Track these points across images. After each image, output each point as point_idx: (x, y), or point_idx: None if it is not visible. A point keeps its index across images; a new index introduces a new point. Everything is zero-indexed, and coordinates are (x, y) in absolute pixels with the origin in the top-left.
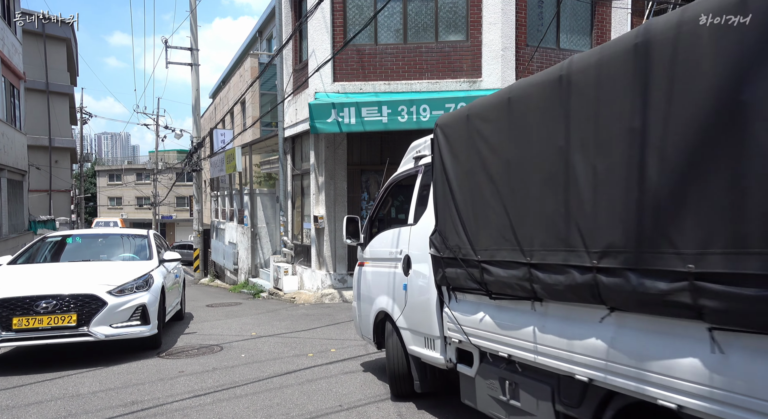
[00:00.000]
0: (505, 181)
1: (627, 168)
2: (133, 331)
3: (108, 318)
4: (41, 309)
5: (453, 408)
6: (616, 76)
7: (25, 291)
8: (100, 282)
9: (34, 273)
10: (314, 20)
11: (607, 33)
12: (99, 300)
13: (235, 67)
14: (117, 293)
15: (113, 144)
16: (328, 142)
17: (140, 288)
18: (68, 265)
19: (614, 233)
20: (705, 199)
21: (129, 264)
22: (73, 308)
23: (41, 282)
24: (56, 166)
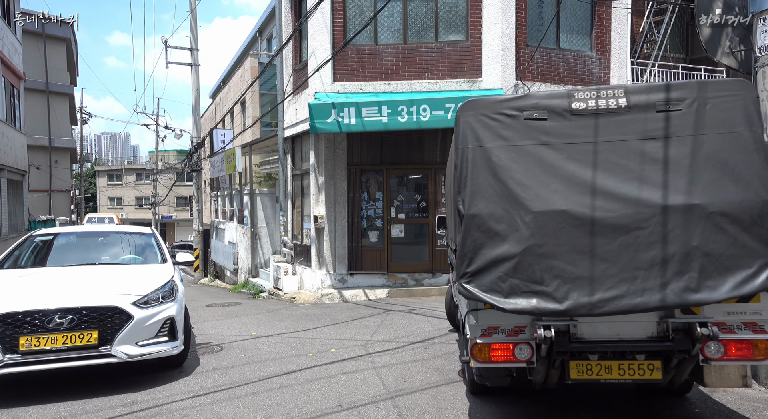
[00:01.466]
0: None
1: None
2: (161, 349)
3: (133, 335)
4: (55, 325)
5: (453, 408)
6: None
7: (34, 303)
8: (121, 292)
9: (34, 281)
10: (314, 20)
11: (607, 33)
12: (123, 313)
13: (235, 67)
14: (142, 304)
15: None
16: (328, 142)
17: (166, 298)
18: (74, 270)
19: None
20: None
21: (144, 268)
22: (94, 324)
23: (47, 291)
24: (56, 166)
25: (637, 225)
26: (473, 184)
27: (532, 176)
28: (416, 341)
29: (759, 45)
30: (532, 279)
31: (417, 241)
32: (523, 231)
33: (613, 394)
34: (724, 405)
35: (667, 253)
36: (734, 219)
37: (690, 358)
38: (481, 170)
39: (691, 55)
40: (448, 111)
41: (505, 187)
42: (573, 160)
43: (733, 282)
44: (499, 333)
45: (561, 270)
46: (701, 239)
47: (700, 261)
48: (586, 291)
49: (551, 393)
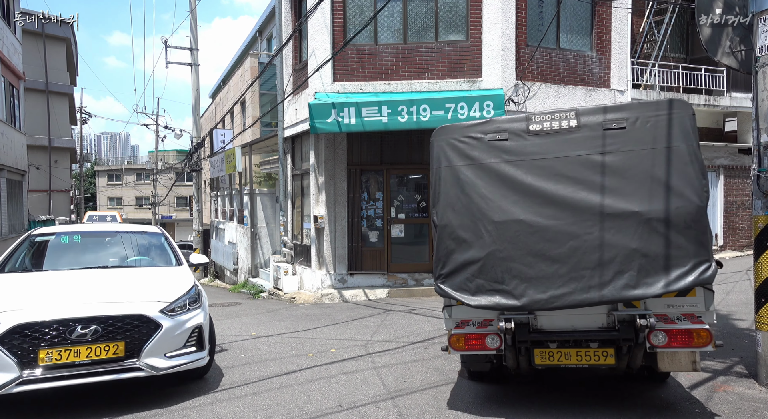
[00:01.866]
0: None
1: None
2: (189, 361)
3: (161, 346)
4: (78, 336)
5: (453, 408)
6: None
7: (53, 312)
8: (146, 299)
9: (46, 286)
10: (314, 20)
11: (607, 33)
12: (151, 322)
13: (235, 66)
14: (170, 312)
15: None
16: (328, 142)
17: (192, 305)
18: (87, 275)
19: None
20: None
21: (162, 272)
22: (120, 334)
23: (64, 298)
24: (56, 166)
25: (584, 231)
26: (444, 199)
27: (494, 190)
28: (416, 341)
29: (759, 45)
30: (494, 279)
31: (417, 241)
32: (486, 238)
33: (605, 382)
34: (724, 405)
35: (610, 255)
36: (670, 224)
37: (637, 346)
38: (451, 187)
39: (692, 55)
40: (448, 111)
41: (471, 200)
42: (530, 174)
43: (668, 279)
44: (471, 325)
45: (519, 271)
46: (640, 242)
47: (639, 262)
48: (540, 289)
49: (539, 378)
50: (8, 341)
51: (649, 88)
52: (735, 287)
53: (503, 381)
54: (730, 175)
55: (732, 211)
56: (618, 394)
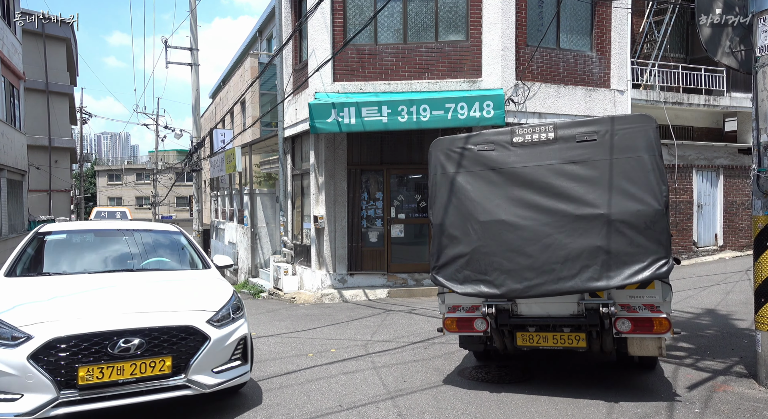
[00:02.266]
0: None
1: None
2: (236, 376)
3: (209, 361)
4: (120, 351)
5: (453, 408)
6: None
7: (91, 323)
8: (191, 307)
9: (72, 292)
10: (314, 20)
11: (607, 33)
12: (199, 334)
13: (235, 66)
14: (216, 323)
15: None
16: (328, 142)
17: (236, 314)
18: (114, 279)
19: None
20: None
21: (195, 276)
22: (167, 348)
23: (99, 307)
24: (56, 166)
25: (556, 230)
26: (439, 202)
27: (480, 194)
28: (416, 341)
29: (759, 45)
30: (479, 270)
31: (417, 241)
32: (473, 235)
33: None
34: (723, 405)
35: (578, 251)
36: (631, 225)
37: (605, 331)
38: (445, 191)
39: (692, 55)
40: (448, 111)
41: (461, 203)
42: (511, 180)
43: (628, 273)
44: (461, 310)
45: (499, 264)
46: (604, 240)
47: (603, 257)
48: (516, 279)
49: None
50: (43, 357)
51: (649, 88)
52: (735, 287)
53: (504, 360)
54: (730, 175)
55: (732, 211)
56: (618, 395)
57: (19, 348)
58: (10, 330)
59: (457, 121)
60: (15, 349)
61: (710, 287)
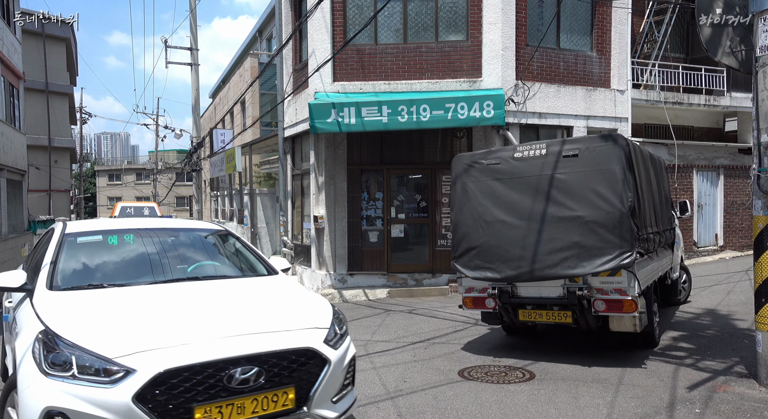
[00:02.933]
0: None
1: None
2: (350, 404)
3: (329, 389)
4: (238, 384)
5: (453, 408)
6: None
7: (198, 351)
8: (302, 325)
9: (150, 309)
10: (314, 20)
11: (607, 33)
12: (317, 357)
13: (235, 66)
14: (331, 342)
15: (113, 144)
16: (328, 142)
17: (341, 328)
18: (191, 291)
19: None
20: None
21: (272, 283)
22: (287, 377)
23: (195, 328)
24: (56, 166)
25: (543, 228)
26: (457, 205)
27: (488, 199)
28: (416, 341)
29: (759, 45)
30: (485, 260)
31: (417, 241)
32: (481, 232)
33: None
34: (724, 405)
35: (560, 245)
36: (602, 224)
37: (586, 310)
38: (462, 196)
39: (692, 55)
40: (448, 111)
41: (473, 206)
42: (512, 187)
43: (598, 263)
44: (475, 291)
45: (500, 255)
46: (580, 237)
47: (578, 250)
48: (512, 267)
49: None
50: (151, 397)
51: (649, 88)
52: (735, 287)
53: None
54: (730, 175)
55: (732, 211)
56: (618, 395)
57: (119, 387)
58: (101, 363)
59: (457, 121)
60: (113, 388)
61: (710, 287)
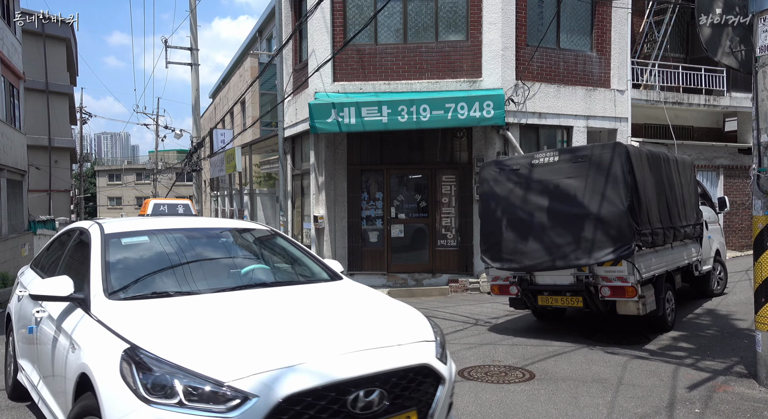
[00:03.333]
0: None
1: None
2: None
3: (443, 410)
4: (363, 408)
5: (453, 408)
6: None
7: (318, 371)
8: (410, 338)
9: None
10: (314, 20)
11: (607, 33)
12: (433, 374)
13: (235, 66)
14: (441, 357)
15: (113, 144)
16: (328, 142)
17: (443, 341)
18: (261, 299)
19: None
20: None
21: (346, 289)
22: (408, 398)
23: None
24: (56, 166)
25: (556, 225)
26: (484, 204)
27: (509, 199)
28: None
29: (759, 45)
30: (507, 252)
31: (417, 241)
32: (503, 228)
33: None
34: (724, 405)
35: (570, 239)
36: (605, 221)
37: (594, 296)
38: (487, 197)
39: (692, 55)
40: (448, 111)
41: (497, 205)
42: (530, 189)
43: (602, 254)
44: (500, 280)
45: (520, 248)
46: (587, 232)
47: (585, 244)
48: (530, 259)
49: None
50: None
51: (649, 88)
52: (735, 287)
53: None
54: (730, 174)
55: (732, 211)
56: (618, 395)
57: (237, 417)
58: (212, 387)
59: (457, 121)
60: (229, 417)
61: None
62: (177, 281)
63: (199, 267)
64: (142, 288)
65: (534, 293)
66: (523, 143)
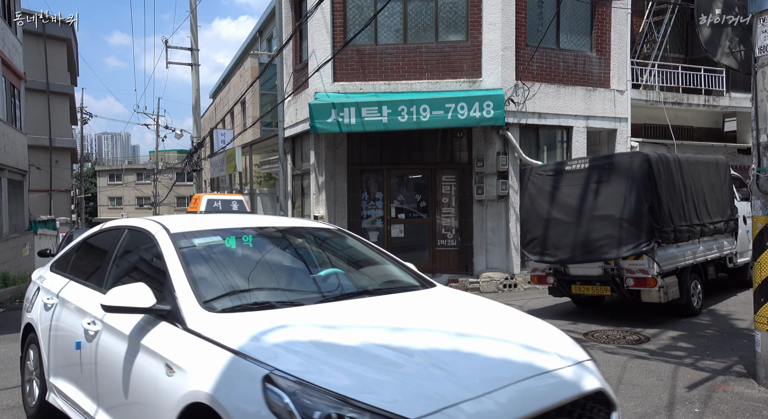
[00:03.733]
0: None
1: None
2: None
3: None
4: None
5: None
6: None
7: (505, 405)
8: (569, 359)
9: (374, 340)
10: (314, 20)
11: (607, 33)
12: (606, 401)
13: (235, 67)
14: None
15: (113, 144)
16: (328, 142)
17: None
18: (382, 307)
19: None
20: None
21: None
22: None
23: (457, 369)
24: (56, 166)
25: (587, 224)
26: (524, 205)
27: (545, 201)
28: None
29: (758, 45)
30: (544, 247)
31: (417, 241)
32: (540, 226)
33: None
34: (723, 404)
35: (598, 236)
36: (628, 220)
37: (620, 285)
38: (527, 199)
39: (691, 55)
40: (448, 111)
41: (534, 206)
42: (563, 192)
43: (625, 249)
44: (539, 271)
45: (555, 244)
46: (613, 230)
47: (611, 240)
48: (564, 253)
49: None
50: None
51: (648, 88)
52: (735, 287)
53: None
54: None
55: None
56: (618, 395)
57: None
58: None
59: (457, 121)
60: None
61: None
62: (270, 289)
63: (282, 271)
64: (239, 299)
65: (568, 282)
66: (523, 143)
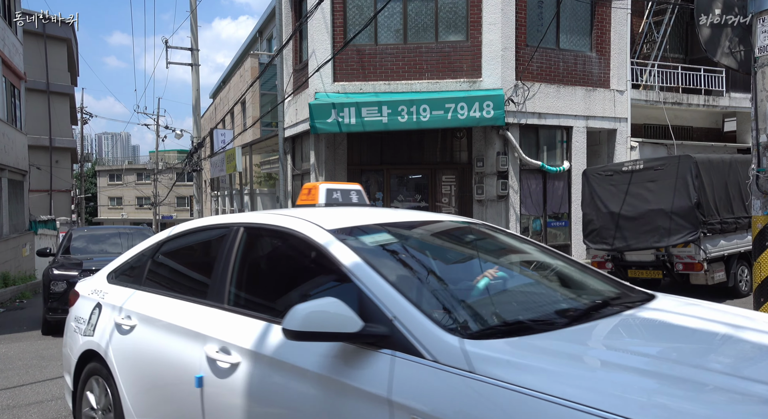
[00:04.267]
0: None
1: None
2: None
3: None
4: None
5: None
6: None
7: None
8: None
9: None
10: (314, 20)
11: (606, 33)
12: None
13: (236, 67)
14: None
15: (114, 144)
16: (329, 142)
17: None
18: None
19: None
20: None
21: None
22: None
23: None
24: (57, 166)
25: (642, 217)
26: (585, 201)
27: (605, 197)
28: None
29: (758, 45)
30: (603, 237)
31: None
32: (600, 219)
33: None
34: None
35: (652, 227)
36: (677, 214)
37: (670, 270)
38: (588, 196)
39: (691, 55)
40: (448, 111)
41: (594, 202)
42: (620, 189)
43: (674, 238)
44: (599, 257)
45: (612, 234)
46: (664, 222)
47: (662, 231)
48: (621, 241)
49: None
50: None
51: (648, 88)
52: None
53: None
54: None
55: None
56: None
57: None
58: None
59: (457, 121)
60: None
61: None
62: (492, 302)
63: (473, 279)
64: (475, 317)
65: (624, 268)
66: (523, 143)
